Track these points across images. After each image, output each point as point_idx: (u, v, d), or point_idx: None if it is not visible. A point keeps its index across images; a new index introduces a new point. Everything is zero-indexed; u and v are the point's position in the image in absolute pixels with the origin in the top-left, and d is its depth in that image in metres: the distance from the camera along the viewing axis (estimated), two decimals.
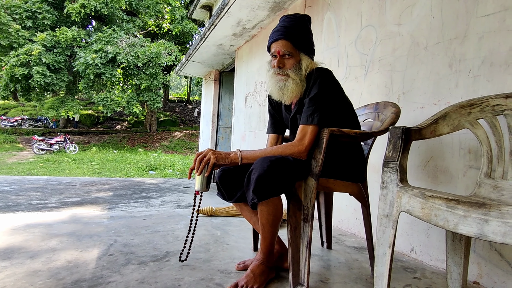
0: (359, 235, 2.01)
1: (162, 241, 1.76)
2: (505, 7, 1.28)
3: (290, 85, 1.25)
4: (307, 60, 1.27)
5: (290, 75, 1.25)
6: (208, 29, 3.73)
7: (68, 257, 1.46)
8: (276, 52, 1.26)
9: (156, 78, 13.53)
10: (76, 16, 12.81)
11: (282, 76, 1.26)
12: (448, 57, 1.50)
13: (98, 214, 2.39)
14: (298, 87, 1.25)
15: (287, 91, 1.26)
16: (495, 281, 1.26)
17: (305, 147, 1.18)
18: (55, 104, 13.90)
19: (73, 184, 4.11)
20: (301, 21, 1.29)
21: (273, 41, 1.28)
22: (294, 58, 1.26)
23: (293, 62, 1.26)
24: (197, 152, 1.19)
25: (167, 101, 24.99)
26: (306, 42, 1.29)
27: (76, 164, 10.48)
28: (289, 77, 1.25)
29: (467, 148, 1.40)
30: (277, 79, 1.27)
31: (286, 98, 1.29)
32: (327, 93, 1.21)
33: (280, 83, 1.27)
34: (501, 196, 1.06)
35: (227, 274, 1.33)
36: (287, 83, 1.25)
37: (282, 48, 1.25)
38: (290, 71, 1.25)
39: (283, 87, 1.26)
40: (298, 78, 1.25)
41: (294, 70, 1.25)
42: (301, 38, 1.27)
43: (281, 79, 1.26)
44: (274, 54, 1.28)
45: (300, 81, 1.25)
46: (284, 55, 1.26)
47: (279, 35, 1.26)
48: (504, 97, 1.13)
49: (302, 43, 1.27)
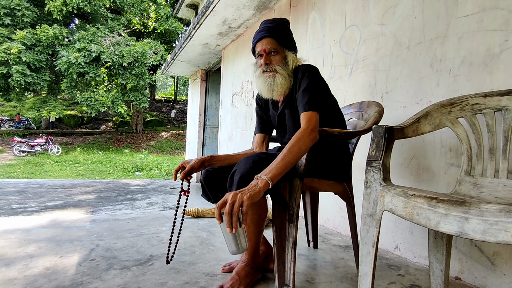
0: (345, 233, 2.02)
1: (146, 244, 1.72)
2: (483, 8, 1.31)
3: (279, 80, 1.26)
4: (292, 55, 1.31)
5: (278, 70, 1.26)
6: (194, 28, 3.68)
7: (47, 264, 1.40)
8: (262, 50, 1.28)
9: (142, 77, 13.30)
10: (58, 14, 12.44)
11: (270, 73, 1.27)
12: (430, 57, 1.53)
13: (80, 218, 2.32)
14: (287, 81, 1.27)
15: (277, 86, 1.27)
16: (476, 276, 1.29)
17: (314, 128, 1.13)
18: (37, 105, 13.47)
19: (55, 187, 3.99)
20: (281, 22, 1.34)
21: (257, 41, 1.30)
22: (280, 55, 1.28)
23: (279, 58, 1.28)
24: (219, 203, 0.90)
25: (153, 101, 24.63)
26: (289, 40, 1.33)
27: (59, 166, 10.19)
28: (277, 72, 1.26)
29: (448, 146, 1.43)
30: (266, 77, 1.28)
31: (276, 93, 1.30)
32: (317, 84, 1.23)
33: (269, 79, 1.28)
34: (481, 193, 1.08)
35: (212, 276, 1.31)
36: (275, 79, 1.27)
37: (268, 45, 1.27)
38: (277, 66, 1.27)
39: (273, 83, 1.27)
40: (285, 72, 1.27)
41: (281, 65, 1.27)
42: (284, 36, 1.31)
43: (269, 76, 1.28)
44: (260, 53, 1.30)
45: (288, 75, 1.27)
46: (270, 53, 1.28)
47: (264, 34, 1.29)
48: (483, 96, 1.15)
49: (286, 40, 1.31)
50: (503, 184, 1.05)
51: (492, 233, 0.68)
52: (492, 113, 1.13)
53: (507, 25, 1.23)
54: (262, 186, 0.96)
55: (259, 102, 1.50)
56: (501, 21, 1.25)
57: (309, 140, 1.11)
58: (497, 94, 1.12)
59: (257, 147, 1.49)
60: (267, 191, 1.00)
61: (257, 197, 0.94)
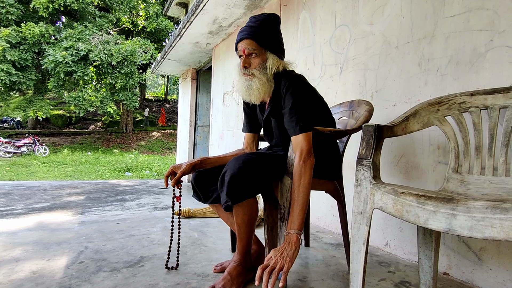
0: (336, 231, 2.04)
1: (136, 246, 1.70)
2: (469, 9, 1.34)
3: (256, 84, 1.22)
4: (273, 58, 1.24)
5: (256, 74, 1.22)
6: (184, 26, 3.64)
7: (33, 267, 1.37)
8: (242, 51, 1.24)
9: (132, 77, 13.10)
10: (44, 11, 12.14)
11: (248, 76, 1.24)
12: (418, 56, 1.55)
13: (69, 220, 2.27)
14: (265, 86, 1.23)
15: (253, 91, 1.24)
16: (463, 271, 1.31)
17: (307, 155, 1.12)
18: (22, 104, 13.14)
19: (42, 189, 3.90)
20: (267, 20, 1.27)
21: (238, 41, 1.26)
22: (260, 57, 1.23)
23: (258, 61, 1.23)
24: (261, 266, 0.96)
25: (143, 100, 24.34)
26: (272, 41, 1.25)
27: (47, 167, 9.97)
28: (255, 77, 1.23)
29: (436, 144, 1.45)
30: (244, 80, 1.26)
31: (253, 98, 1.26)
32: (302, 100, 1.18)
33: (246, 83, 1.25)
34: (468, 190, 1.10)
35: (204, 277, 1.30)
36: (252, 83, 1.23)
37: (247, 46, 1.22)
38: (255, 70, 1.22)
39: (249, 87, 1.24)
40: (264, 77, 1.22)
41: (259, 70, 1.22)
42: (266, 37, 1.24)
43: (247, 79, 1.24)
44: (240, 54, 1.26)
45: (266, 80, 1.23)
46: (250, 54, 1.23)
47: (244, 35, 1.23)
48: (469, 95, 1.17)
49: (268, 41, 1.24)
50: (489, 181, 1.08)
51: (479, 229, 0.69)
52: (478, 111, 1.15)
53: (492, 25, 1.25)
54: (295, 241, 1.02)
55: (247, 104, 1.46)
56: (486, 21, 1.27)
57: (309, 170, 1.10)
58: (483, 93, 1.14)
59: (247, 147, 1.48)
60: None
61: (296, 255, 1.02)
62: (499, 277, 1.19)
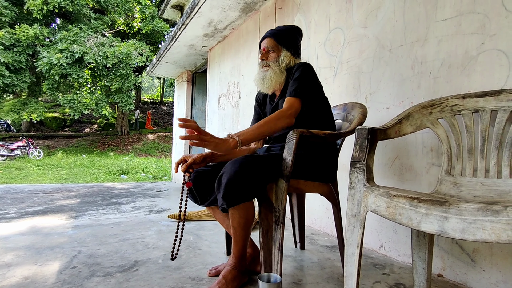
0: (332, 233, 2.04)
1: (131, 250, 1.68)
2: (461, 12, 1.35)
3: (270, 74, 1.38)
4: (287, 53, 1.42)
5: (271, 65, 1.40)
6: (179, 29, 3.64)
7: (25, 273, 1.35)
8: (262, 49, 1.44)
9: (127, 79, 13.04)
10: (38, 13, 12.05)
11: (265, 67, 1.42)
12: (411, 59, 1.56)
13: (62, 224, 2.25)
14: (277, 76, 1.38)
15: (267, 80, 1.39)
16: (457, 273, 1.32)
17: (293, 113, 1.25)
18: (16, 107, 13.01)
19: (36, 192, 3.86)
20: (289, 28, 1.47)
21: (261, 40, 1.47)
22: (276, 53, 1.42)
23: (275, 56, 1.42)
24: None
25: (139, 102, 24.21)
26: (289, 41, 1.43)
27: (41, 170, 9.86)
28: (270, 67, 1.40)
29: (429, 146, 1.46)
30: (261, 71, 1.43)
31: (266, 86, 1.41)
32: (307, 76, 1.32)
33: (262, 73, 1.41)
34: (460, 192, 1.11)
35: (198, 281, 1.29)
36: (267, 73, 1.39)
37: (266, 44, 1.43)
38: (271, 62, 1.41)
39: (264, 76, 1.40)
40: (277, 68, 1.39)
41: (274, 62, 1.41)
42: (284, 37, 1.43)
43: (263, 70, 1.42)
44: (261, 51, 1.45)
45: (279, 71, 1.39)
46: (268, 51, 1.43)
47: (266, 34, 1.46)
48: (461, 98, 1.18)
49: (285, 40, 1.43)
50: (481, 183, 1.09)
51: (470, 231, 0.70)
52: (470, 114, 1.16)
53: (483, 29, 1.27)
54: (232, 144, 1.11)
55: (258, 99, 1.60)
56: (477, 25, 1.29)
57: (285, 122, 1.22)
58: (474, 96, 1.15)
59: (255, 143, 1.54)
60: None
61: (224, 148, 1.09)
62: (492, 278, 1.20)
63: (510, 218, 0.64)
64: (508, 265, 1.16)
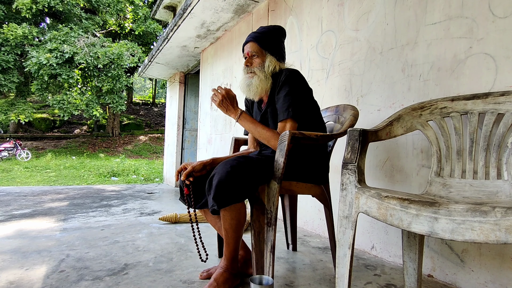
0: (324, 235, 2.05)
1: (120, 253, 1.65)
2: (449, 17, 1.38)
3: (256, 81, 1.35)
4: (271, 59, 1.37)
5: (256, 72, 1.35)
6: (171, 30, 3.62)
7: (10, 277, 1.31)
8: (246, 53, 1.39)
9: (119, 80, 12.88)
10: (27, 12, 11.82)
11: (249, 74, 1.37)
12: (401, 62, 1.58)
13: (50, 227, 2.20)
14: (263, 83, 1.35)
15: (253, 87, 1.36)
16: (446, 273, 1.34)
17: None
18: (4, 107, 12.71)
19: (23, 194, 3.77)
20: (271, 29, 1.42)
21: (244, 44, 1.43)
22: (261, 58, 1.37)
23: (259, 61, 1.37)
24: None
25: (131, 103, 23.97)
26: (273, 45, 1.39)
27: (29, 172, 9.65)
28: (255, 74, 1.35)
29: (419, 148, 1.48)
30: (246, 77, 1.38)
31: (253, 93, 1.38)
32: (296, 89, 1.29)
33: (247, 80, 1.37)
34: (450, 193, 1.13)
35: (190, 284, 1.28)
36: (252, 80, 1.35)
37: (250, 49, 1.38)
38: (256, 69, 1.36)
39: (250, 83, 1.36)
40: (263, 75, 1.35)
41: (259, 68, 1.36)
42: (268, 41, 1.38)
43: (248, 77, 1.37)
44: (245, 56, 1.40)
45: (264, 77, 1.35)
46: (252, 56, 1.38)
47: (249, 38, 1.40)
48: (450, 100, 1.20)
49: (269, 45, 1.38)
50: (469, 184, 1.10)
51: (460, 232, 0.70)
52: (459, 116, 1.18)
53: (471, 33, 1.30)
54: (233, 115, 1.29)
55: (247, 103, 1.58)
56: (465, 29, 1.32)
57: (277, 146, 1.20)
58: (463, 98, 1.17)
59: (251, 147, 1.55)
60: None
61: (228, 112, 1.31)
62: (481, 278, 1.21)
63: (498, 219, 0.65)
64: (497, 265, 1.17)
